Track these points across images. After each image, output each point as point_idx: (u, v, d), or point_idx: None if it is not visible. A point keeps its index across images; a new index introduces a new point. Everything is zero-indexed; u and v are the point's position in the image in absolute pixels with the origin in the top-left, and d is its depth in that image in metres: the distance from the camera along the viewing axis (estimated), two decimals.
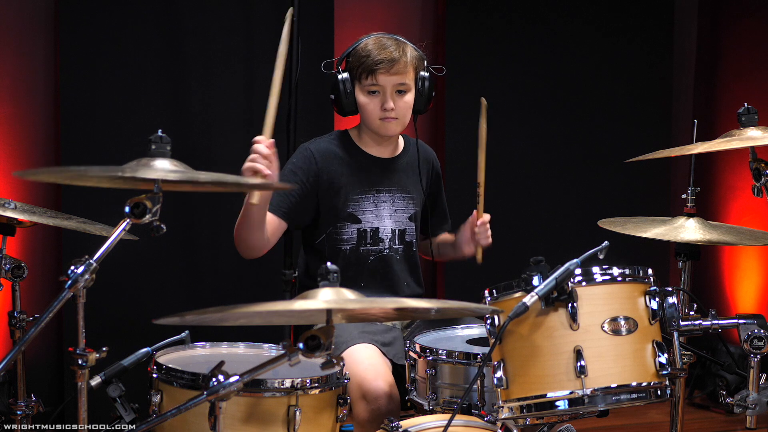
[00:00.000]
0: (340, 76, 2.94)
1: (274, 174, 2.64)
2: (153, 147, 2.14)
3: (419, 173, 3.07)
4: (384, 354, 2.78)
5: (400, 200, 3.02)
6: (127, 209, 2.10)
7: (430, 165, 3.14)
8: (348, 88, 2.92)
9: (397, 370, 2.77)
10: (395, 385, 2.71)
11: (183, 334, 2.59)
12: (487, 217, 3.02)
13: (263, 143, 2.62)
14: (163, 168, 2.11)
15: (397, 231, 3.01)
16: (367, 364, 2.71)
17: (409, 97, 2.93)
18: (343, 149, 3.00)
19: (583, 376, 2.23)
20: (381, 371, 2.70)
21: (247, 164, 2.62)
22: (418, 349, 2.64)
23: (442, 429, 2.25)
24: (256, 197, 2.64)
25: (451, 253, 3.18)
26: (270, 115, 2.63)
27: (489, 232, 3.03)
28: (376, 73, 2.88)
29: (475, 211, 3.00)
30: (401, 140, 3.09)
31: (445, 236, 3.24)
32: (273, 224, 2.87)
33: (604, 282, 2.31)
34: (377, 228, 2.98)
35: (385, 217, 2.99)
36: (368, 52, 2.89)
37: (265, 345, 2.64)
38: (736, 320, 2.41)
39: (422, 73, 2.95)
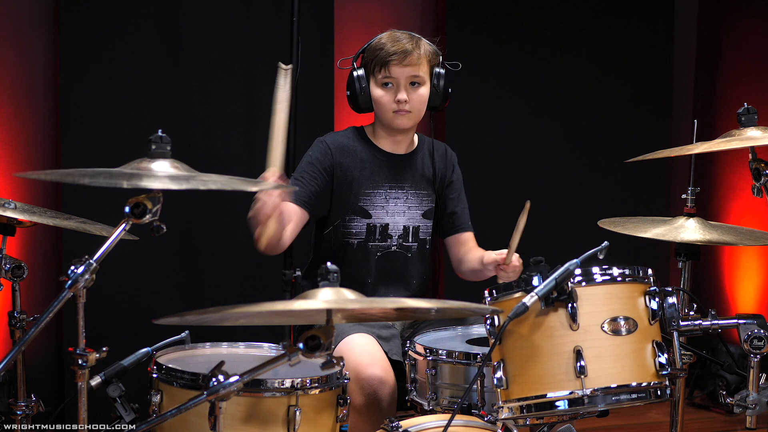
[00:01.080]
0: (355, 73, 2.95)
1: (277, 203, 2.66)
2: (153, 147, 2.14)
3: (434, 169, 3.06)
4: (380, 345, 2.78)
5: (414, 197, 3.02)
6: (127, 209, 2.10)
7: (448, 161, 3.11)
8: (363, 84, 2.93)
9: (394, 367, 2.77)
10: (392, 372, 2.71)
11: (183, 334, 2.59)
12: (516, 262, 2.81)
13: (268, 185, 2.57)
14: (164, 171, 2.12)
15: (411, 228, 3.01)
16: (362, 351, 2.72)
17: (424, 91, 2.94)
18: (358, 144, 3.00)
19: (582, 376, 2.23)
20: (377, 358, 2.71)
21: (260, 210, 2.65)
22: (418, 349, 2.64)
23: (442, 429, 2.25)
24: (265, 238, 2.68)
25: (481, 270, 2.97)
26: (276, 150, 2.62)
27: (516, 272, 2.82)
28: (389, 65, 2.89)
29: (504, 251, 2.80)
30: (416, 138, 3.09)
31: (476, 257, 3.02)
32: (297, 214, 2.88)
33: (604, 282, 2.31)
34: (387, 224, 2.99)
35: (397, 214, 2.99)
36: (382, 45, 2.91)
37: (265, 345, 2.64)
38: (736, 320, 2.41)
39: (437, 69, 2.96)
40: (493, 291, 2.37)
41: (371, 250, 2.98)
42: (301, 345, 1.91)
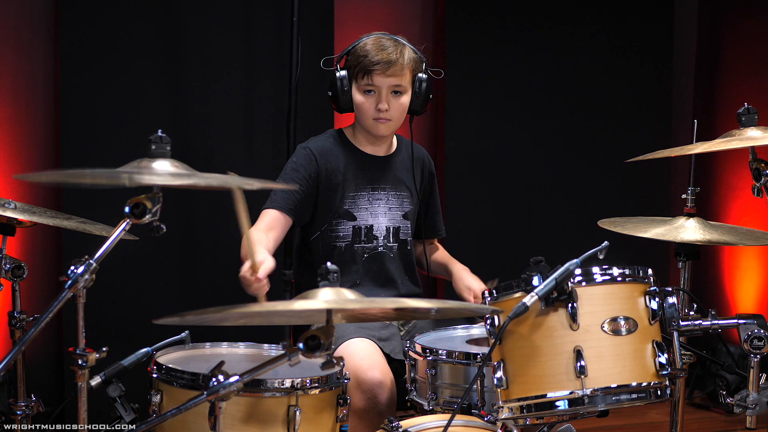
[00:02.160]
0: (338, 74, 2.96)
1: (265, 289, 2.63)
2: (153, 147, 2.14)
3: (413, 171, 3.08)
4: (381, 348, 2.79)
5: (395, 198, 3.04)
6: (127, 209, 2.10)
7: (423, 164, 3.15)
8: (345, 86, 2.95)
9: (394, 367, 2.78)
10: (392, 376, 2.72)
11: (183, 334, 2.59)
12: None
13: (250, 279, 2.60)
14: (164, 169, 2.12)
15: (391, 229, 3.02)
16: (362, 355, 2.73)
17: (405, 99, 2.95)
18: (340, 147, 3.02)
19: (583, 376, 2.23)
20: (376, 362, 2.72)
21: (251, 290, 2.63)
22: (418, 349, 2.64)
23: (442, 429, 2.25)
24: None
25: (445, 276, 3.19)
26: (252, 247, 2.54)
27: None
28: (372, 74, 2.90)
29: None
30: (395, 139, 3.11)
31: (440, 256, 3.23)
32: (281, 222, 2.91)
33: (604, 282, 2.31)
34: (371, 225, 3.00)
35: (380, 215, 3.01)
36: (366, 52, 2.91)
37: (265, 345, 2.64)
38: (736, 320, 2.41)
39: (420, 75, 2.96)
40: (493, 291, 2.37)
41: (358, 251, 2.99)
42: (301, 345, 1.91)
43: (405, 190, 3.07)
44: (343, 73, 2.96)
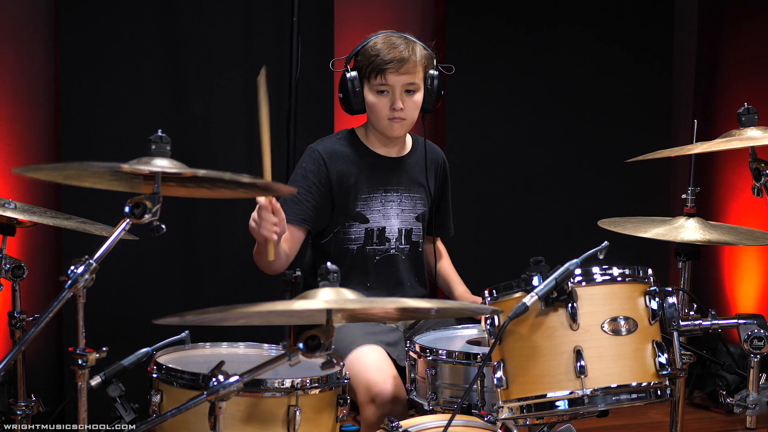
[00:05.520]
0: (348, 75, 2.91)
1: (282, 228, 2.60)
2: (153, 147, 2.14)
3: (426, 173, 3.05)
4: (388, 354, 2.78)
5: (408, 200, 3.01)
6: (127, 209, 2.10)
7: (438, 164, 3.12)
8: (357, 87, 2.90)
9: (399, 371, 2.78)
10: (403, 388, 2.71)
11: (183, 334, 2.59)
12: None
13: (266, 205, 2.56)
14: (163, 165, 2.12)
15: (403, 231, 3.00)
16: (375, 367, 2.71)
17: (418, 97, 2.91)
18: (351, 148, 2.98)
19: (583, 376, 2.23)
20: (389, 373, 2.71)
21: (256, 229, 2.58)
22: (418, 349, 2.64)
23: (442, 429, 2.25)
24: (271, 254, 2.61)
25: (446, 291, 3.20)
26: (266, 162, 2.52)
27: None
28: (385, 73, 2.86)
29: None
30: (409, 139, 3.07)
31: (446, 270, 3.22)
32: (293, 234, 2.86)
33: (604, 282, 2.31)
34: (384, 227, 2.98)
35: (392, 217, 2.98)
36: (377, 51, 2.86)
37: (265, 345, 2.64)
38: (736, 320, 2.41)
39: (431, 71, 2.93)
40: (493, 291, 2.37)
41: (369, 254, 2.97)
42: (301, 345, 1.91)
43: (418, 192, 3.03)
44: (354, 74, 2.90)
